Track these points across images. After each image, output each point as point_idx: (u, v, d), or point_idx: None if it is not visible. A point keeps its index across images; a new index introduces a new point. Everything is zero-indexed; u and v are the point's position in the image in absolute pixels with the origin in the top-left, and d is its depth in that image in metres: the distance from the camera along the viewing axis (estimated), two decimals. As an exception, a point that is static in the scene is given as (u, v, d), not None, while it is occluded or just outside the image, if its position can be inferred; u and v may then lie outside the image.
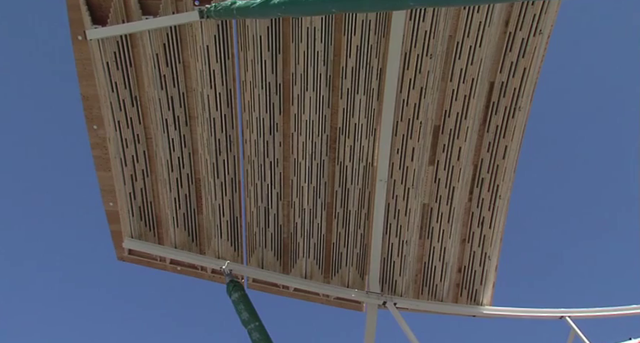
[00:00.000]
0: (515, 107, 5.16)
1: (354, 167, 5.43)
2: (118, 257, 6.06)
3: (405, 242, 5.93)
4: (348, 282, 6.15)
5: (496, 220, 5.92)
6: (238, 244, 5.94)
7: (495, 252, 6.17)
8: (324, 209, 5.70)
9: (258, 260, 6.02)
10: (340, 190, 5.59)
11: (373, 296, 6.10)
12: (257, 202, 5.67)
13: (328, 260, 6.05)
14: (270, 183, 5.55)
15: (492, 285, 6.41)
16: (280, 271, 6.08)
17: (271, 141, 5.28)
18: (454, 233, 5.99)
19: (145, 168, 5.48)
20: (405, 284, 6.27)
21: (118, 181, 5.49)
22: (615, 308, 7.62)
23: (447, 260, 6.17)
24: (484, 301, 6.47)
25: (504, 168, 5.57)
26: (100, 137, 5.21)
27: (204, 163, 5.44)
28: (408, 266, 6.14)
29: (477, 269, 6.26)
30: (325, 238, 5.90)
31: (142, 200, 5.66)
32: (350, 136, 5.25)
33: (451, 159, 5.47)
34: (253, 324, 5.40)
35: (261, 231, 5.85)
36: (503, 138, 5.37)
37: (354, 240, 5.90)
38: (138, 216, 5.74)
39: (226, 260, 5.91)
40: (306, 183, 5.52)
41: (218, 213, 5.72)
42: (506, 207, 5.88)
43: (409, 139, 5.25)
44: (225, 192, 5.61)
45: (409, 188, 5.57)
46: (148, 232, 5.85)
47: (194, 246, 5.93)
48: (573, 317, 7.22)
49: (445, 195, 5.72)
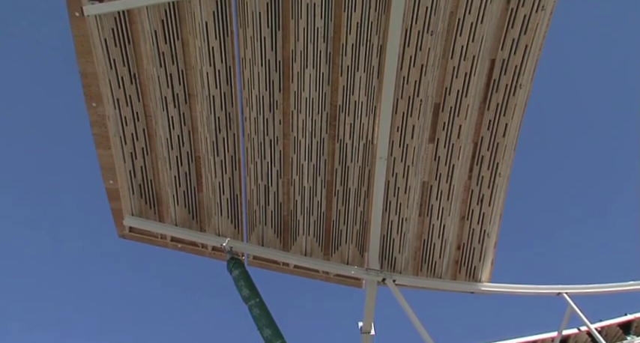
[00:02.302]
0: (516, 85, 5.14)
1: (354, 145, 5.43)
2: (119, 234, 6.09)
3: (405, 219, 5.96)
4: (347, 259, 6.20)
5: (496, 198, 5.94)
6: (238, 222, 5.97)
7: (494, 230, 6.21)
8: (324, 186, 5.71)
9: (258, 238, 6.06)
10: (340, 168, 5.59)
11: (372, 273, 6.15)
12: (257, 180, 5.68)
13: (328, 238, 6.09)
14: (270, 161, 5.55)
15: (491, 262, 6.47)
16: (280, 248, 6.12)
17: (271, 118, 5.26)
18: (453, 210, 6.02)
19: (144, 146, 5.47)
20: (405, 261, 6.32)
21: (117, 159, 5.49)
22: (611, 285, 7.70)
23: (447, 237, 6.21)
24: (482, 278, 6.53)
25: (504, 146, 5.56)
26: (99, 115, 5.19)
27: (204, 141, 5.43)
28: (408, 243, 6.18)
29: (476, 247, 6.31)
30: (325, 215, 5.93)
31: (142, 178, 5.66)
32: (350, 114, 5.24)
33: (451, 137, 5.47)
34: (254, 300, 5.48)
35: (261, 209, 5.88)
36: (503, 116, 5.36)
37: (354, 218, 5.93)
38: (138, 194, 5.76)
39: (227, 237, 5.94)
40: (306, 160, 5.52)
41: (218, 191, 5.74)
42: (505, 185, 5.89)
43: (409, 117, 5.24)
44: (225, 170, 5.62)
45: (409, 166, 5.57)
46: (148, 210, 5.87)
47: (194, 224, 5.96)
48: (570, 294, 7.31)
49: (445, 173, 5.73)
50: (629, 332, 8.42)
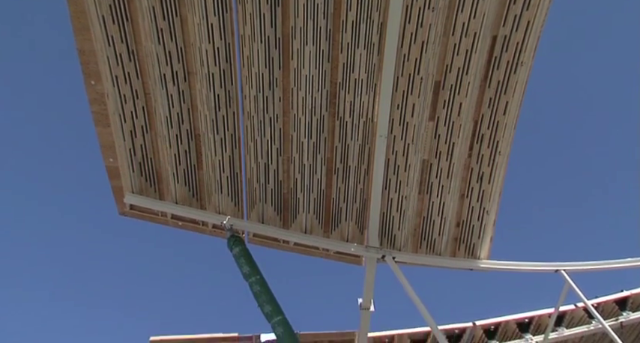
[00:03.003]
0: (518, 62, 5.10)
1: (354, 122, 5.41)
2: (120, 212, 6.11)
3: (405, 197, 5.98)
4: (347, 237, 6.24)
5: (495, 176, 5.95)
6: (239, 199, 5.99)
7: (494, 207, 6.24)
8: (324, 164, 5.72)
9: (258, 216, 6.08)
10: (340, 145, 5.59)
11: (372, 250, 6.20)
12: (257, 158, 5.68)
13: (328, 215, 6.12)
14: (270, 139, 5.54)
15: (490, 240, 6.51)
16: (280, 226, 6.16)
17: (271, 96, 5.24)
18: (453, 188, 6.03)
19: (144, 124, 5.46)
20: (404, 239, 6.36)
21: (117, 137, 5.47)
22: (609, 262, 7.77)
23: (446, 215, 6.24)
24: (481, 255, 6.58)
25: (505, 124, 5.55)
26: (98, 92, 5.16)
27: (204, 119, 5.42)
28: (407, 220, 6.21)
29: (475, 224, 6.35)
30: (325, 193, 5.94)
31: (142, 156, 5.66)
32: (350, 91, 5.21)
33: (451, 114, 5.45)
34: (254, 278, 5.53)
35: (261, 187, 5.89)
36: (504, 94, 5.33)
37: (354, 195, 5.95)
38: (138, 172, 5.76)
39: (227, 215, 5.97)
40: (306, 138, 5.51)
41: (218, 169, 5.74)
42: (505, 163, 5.90)
43: (409, 95, 5.22)
44: (225, 148, 5.61)
45: (409, 144, 5.57)
46: (148, 188, 5.88)
47: (195, 202, 5.98)
48: (568, 271, 7.38)
49: (445, 151, 5.73)
50: (625, 308, 8.52)
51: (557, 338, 8.07)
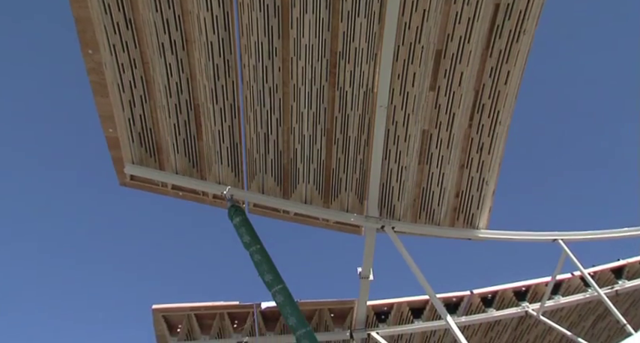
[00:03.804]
0: (520, 30, 5.04)
1: (354, 92, 5.37)
2: (120, 182, 6.12)
3: (404, 167, 5.99)
4: (347, 207, 6.27)
5: (495, 146, 5.95)
6: (239, 170, 5.99)
7: (493, 178, 6.26)
8: (323, 135, 5.70)
9: (258, 186, 6.10)
10: (340, 116, 5.56)
11: (372, 220, 6.24)
12: (257, 128, 5.66)
13: (328, 186, 6.13)
14: (269, 109, 5.51)
15: (489, 210, 6.55)
16: (280, 196, 6.18)
17: (270, 66, 5.19)
18: (453, 159, 6.04)
19: (143, 93, 5.41)
20: (404, 209, 6.39)
21: (116, 107, 5.44)
22: (606, 231, 7.85)
23: (445, 185, 6.26)
24: (480, 225, 6.63)
25: (506, 94, 5.52)
26: (95, 62, 5.10)
27: (203, 89, 5.38)
28: (407, 191, 6.23)
29: (475, 195, 6.37)
30: (325, 164, 5.95)
31: (142, 126, 5.64)
32: (350, 61, 5.16)
33: (452, 84, 5.41)
34: (255, 247, 5.58)
35: (261, 157, 5.89)
36: (506, 63, 5.28)
37: (354, 166, 5.95)
38: (138, 142, 5.75)
39: (227, 185, 5.98)
40: (305, 108, 5.49)
41: (218, 139, 5.73)
42: (505, 134, 5.89)
43: (410, 64, 5.16)
44: (224, 118, 5.59)
45: (409, 114, 5.55)
46: (148, 158, 5.88)
47: (195, 172, 5.98)
48: (566, 240, 7.46)
49: (445, 121, 5.71)
50: (620, 276, 8.64)
51: (553, 306, 8.21)
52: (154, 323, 7.23)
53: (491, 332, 8.26)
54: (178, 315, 7.27)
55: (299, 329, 5.25)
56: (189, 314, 7.23)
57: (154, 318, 7.19)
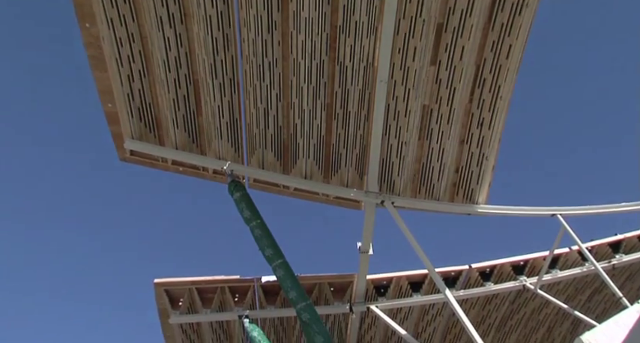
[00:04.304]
0: (523, 4, 4.97)
1: (354, 67, 5.33)
2: (121, 157, 6.11)
3: (404, 143, 5.98)
4: (347, 182, 6.29)
5: (496, 121, 5.93)
6: (239, 145, 5.98)
7: (493, 153, 6.25)
8: (323, 109, 5.68)
9: (258, 161, 6.10)
10: (340, 91, 5.53)
11: (372, 195, 6.26)
12: (256, 103, 5.63)
13: (328, 161, 6.14)
14: (269, 84, 5.48)
15: (488, 185, 6.57)
16: (280, 171, 6.18)
17: (270, 40, 5.14)
18: (453, 134, 6.02)
19: (141, 68, 5.37)
20: (403, 184, 6.41)
21: (115, 82, 5.40)
22: (604, 206, 7.89)
23: (445, 160, 6.27)
24: (479, 200, 6.66)
25: (507, 69, 5.48)
26: (93, 36, 5.04)
27: (202, 63, 5.33)
28: (407, 166, 6.24)
29: (474, 170, 6.38)
30: (325, 139, 5.94)
31: (141, 101, 5.61)
32: (350, 35, 5.10)
33: (453, 58, 5.36)
34: (255, 222, 5.61)
35: (261, 132, 5.88)
36: (507, 36, 5.23)
37: (354, 141, 5.95)
38: (137, 118, 5.73)
39: (227, 160, 5.98)
40: (305, 83, 5.45)
41: (217, 115, 5.71)
42: (506, 109, 5.86)
43: (411, 38, 5.11)
44: (224, 93, 5.56)
45: (410, 89, 5.51)
46: (148, 133, 5.86)
47: (195, 147, 5.98)
48: (564, 215, 7.50)
49: (446, 96, 5.68)
50: (618, 250, 8.71)
51: (550, 280, 8.30)
52: (155, 297, 7.31)
53: (488, 306, 8.36)
54: (180, 289, 7.34)
55: (299, 303, 5.32)
56: (190, 288, 7.30)
57: (156, 292, 7.27)
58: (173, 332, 7.61)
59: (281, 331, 7.85)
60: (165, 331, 7.60)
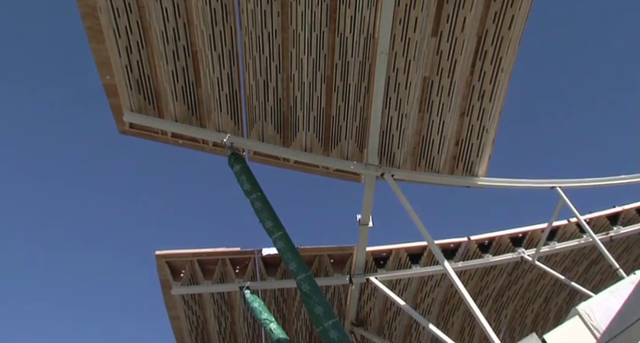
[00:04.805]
0: (526, -27, 4.89)
1: (354, 39, 5.27)
2: (120, 130, 6.09)
3: (405, 115, 5.96)
4: (347, 155, 6.28)
5: (497, 94, 5.89)
6: (238, 118, 5.96)
7: (494, 126, 6.24)
8: (323, 82, 5.64)
9: (258, 134, 6.08)
10: (340, 63, 5.48)
11: (371, 167, 6.27)
12: (256, 75, 5.59)
13: (328, 133, 6.12)
14: (268, 56, 5.42)
15: (488, 158, 6.57)
16: (280, 144, 6.17)
17: (269, 10, 5.06)
18: (454, 106, 6.00)
19: (139, 39, 5.31)
20: (403, 157, 6.41)
21: (112, 53, 5.34)
22: (604, 179, 7.91)
23: (445, 133, 6.25)
24: (479, 172, 6.67)
25: (509, 40, 5.42)
26: (89, 6, 4.96)
27: (201, 34, 5.27)
28: (407, 139, 6.23)
29: (475, 142, 6.37)
30: (325, 111, 5.91)
31: (139, 73, 5.56)
32: (351, 6, 5.03)
33: (455, 30, 5.30)
34: (255, 194, 5.62)
35: (260, 105, 5.84)
36: (510, 7, 5.16)
37: (354, 113, 5.92)
38: (136, 90, 5.69)
39: (227, 133, 5.96)
40: (305, 55, 5.40)
41: (217, 87, 5.66)
42: (507, 81, 5.82)
43: (412, 9, 5.04)
44: (223, 65, 5.51)
45: (410, 60, 5.46)
46: (147, 106, 5.83)
47: (194, 120, 5.95)
48: (563, 188, 7.53)
49: (447, 68, 5.63)
50: (616, 222, 8.78)
51: (548, 252, 8.38)
52: (157, 269, 7.38)
53: (487, 277, 8.46)
54: (181, 261, 7.41)
55: (299, 274, 5.36)
56: (191, 260, 7.37)
57: (158, 264, 7.34)
58: (175, 303, 7.71)
59: (281, 302, 7.96)
60: (168, 302, 7.71)
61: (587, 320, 4.89)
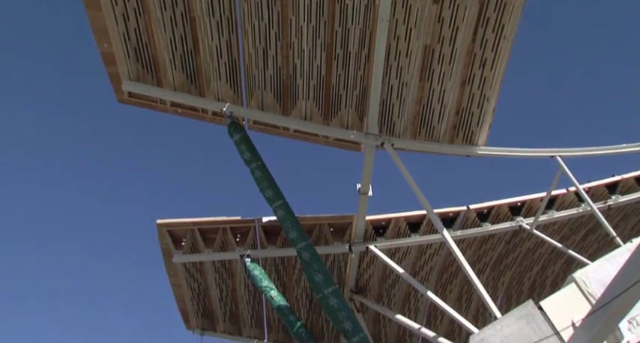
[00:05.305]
0: (530, -62, 4.79)
1: (355, 5, 5.19)
2: (119, 99, 6.05)
3: (405, 84, 5.92)
4: (347, 124, 6.26)
5: (498, 62, 5.84)
6: (238, 86, 5.92)
7: (495, 94, 6.20)
8: (323, 50, 5.58)
9: (258, 103, 6.05)
10: (340, 30, 5.41)
11: (371, 137, 6.25)
12: (255, 43, 5.52)
13: (328, 102, 6.09)
14: (268, 23, 5.35)
15: (488, 127, 6.55)
16: (280, 113, 6.15)
17: (268, -24, 4.97)
18: (455, 75, 5.95)
19: (136, 6, 5.23)
20: (403, 126, 6.39)
21: (110, 21, 5.27)
22: (604, 147, 7.91)
23: (446, 102, 6.22)
24: (479, 142, 6.66)
25: (512, 7, 5.33)
26: (85, -28, 4.88)
27: (199, 1, 5.18)
28: (407, 108, 6.20)
29: (475, 111, 6.34)
30: (325, 80, 5.86)
31: (137, 41, 5.49)
32: (351, -29, 4.94)
33: (457, -4, 5.22)
34: (255, 163, 5.63)
35: (260, 73, 5.79)
36: (513, -27, 5.07)
37: (354, 82, 5.88)
38: (134, 58, 5.63)
39: (226, 102, 5.93)
40: (305, 22, 5.32)
41: (216, 55, 5.61)
42: (509, 49, 5.76)
43: (414, -25, 4.95)
44: (222, 33, 5.43)
45: (411, 28, 5.39)
46: (146, 74, 5.78)
47: (193, 89, 5.91)
48: (563, 157, 7.53)
49: (448, 36, 5.56)
50: (614, 191, 8.81)
51: (546, 221, 8.44)
52: (159, 237, 7.45)
53: (485, 245, 8.54)
54: (182, 230, 7.48)
55: (299, 243, 5.42)
56: (192, 228, 7.43)
57: (159, 232, 7.40)
58: (177, 271, 7.82)
59: (282, 270, 8.06)
60: (169, 270, 7.81)
61: (583, 287, 4.97)
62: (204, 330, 8.74)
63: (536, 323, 4.87)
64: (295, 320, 6.47)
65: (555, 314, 4.83)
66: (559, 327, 4.69)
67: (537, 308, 4.99)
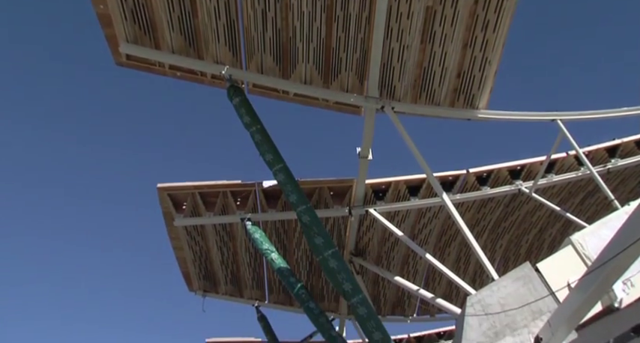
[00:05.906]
0: None
1: (355, -35, 5.08)
2: (117, 62, 5.98)
3: (406, 47, 5.84)
4: (347, 87, 6.22)
5: (501, 23, 5.75)
6: (236, 49, 5.84)
7: (496, 57, 6.13)
8: (323, 11, 5.48)
9: (257, 66, 5.99)
10: (341, -9, 5.30)
11: (371, 100, 6.22)
12: (254, 4, 5.42)
13: (328, 65, 6.02)
14: (266, -17, 5.24)
15: (489, 90, 6.50)
16: (280, 76, 6.09)
17: None
18: (456, 37, 5.87)
19: (132, -34, 5.12)
20: (404, 90, 6.34)
21: (105, -19, 5.16)
22: (605, 111, 7.88)
23: (447, 65, 6.15)
24: (480, 105, 6.63)
25: (516, -33, 5.23)
26: None
27: (196, -39, 5.07)
28: (408, 71, 6.14)
29: (476, 75, 6.28)
30: (325, 42, 5.78)
31: (134, 1, 5.39)
32: None
33: (460, -45, 5.10)
34: (255, 127, 5.62)
35: (259, 35, 5.71)
36: None
37: (354, 45, 5.80)
38: (132, 20, 5.53)
39: (225, 65, 5.87)
40: (304, -17, 5.22)
41: (214, 16, 5.51)
42: (513, 9, 5.66)
43: None
44: (220, -7, 5.33)
45: (413, -12, 5.29)
46: (143, 36, 5.70)
47: (192, 51, 5.83)
48: (564, 120, 7.51)
49: (450, -3, 5.46)
50: (614, 155, 8.82)
51: (545, 184, 8.48)
52: (159, 201, 7.50)
53: (484, 209, 8.61)
54: (183, 193, 7.52)
55: (299, 206, 5.45)
56: (193, 192, 7.48)
57: (160, 196, 7.45)
58: (178, 234, 7.91)
59: (282, 233, 8.15)
60: (171, 233, 7.90)
61: (580, 250, 5.04)
62: (206, 292, 8.91)
63: (533, 284, 4.96)
64: (296, 282, 6.59)
65: (552, 276, 4.92)
66: (555, 288, 4.78)
67: (534, 270, 5.07)
